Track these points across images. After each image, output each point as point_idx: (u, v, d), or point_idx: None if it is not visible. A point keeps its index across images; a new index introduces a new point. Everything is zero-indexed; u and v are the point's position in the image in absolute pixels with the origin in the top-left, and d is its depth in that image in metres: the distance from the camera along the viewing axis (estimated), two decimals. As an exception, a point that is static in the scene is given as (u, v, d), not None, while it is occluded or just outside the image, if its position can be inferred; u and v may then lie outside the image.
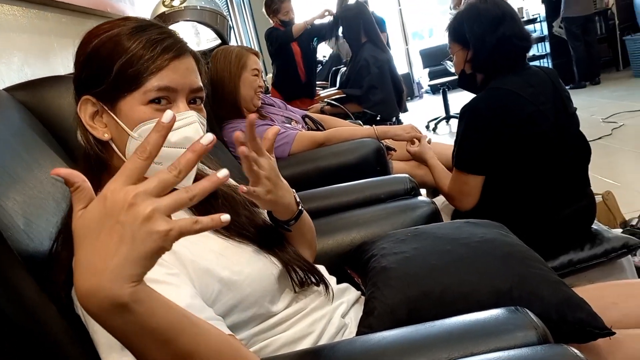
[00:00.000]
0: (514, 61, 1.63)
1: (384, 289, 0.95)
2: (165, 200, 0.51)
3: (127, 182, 0.52)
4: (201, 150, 0.52)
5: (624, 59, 6.78)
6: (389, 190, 1.48)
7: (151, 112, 0.79)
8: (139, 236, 0.50)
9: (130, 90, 0.79)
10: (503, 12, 1.61)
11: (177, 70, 0.80)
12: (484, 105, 1.60)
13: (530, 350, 0.64)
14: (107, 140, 0.82)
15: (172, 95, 0.81)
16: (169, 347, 0.57)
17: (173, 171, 0.52)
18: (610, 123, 4.46)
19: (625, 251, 1.58)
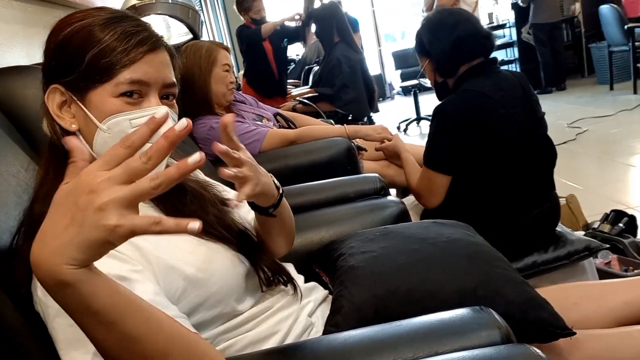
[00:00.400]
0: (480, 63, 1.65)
1: (351, 288, 0.95)
2: (125, 190, 0.49)
3: (103, 167, 0.50)
4: (174, 136, 0.50)
5: (589, 66, 6.96)
6: (359, 190, 1.49)
7: (122, 104, 0.78)
8: (88, 224, 0.49)
9: (102, 82, 0.77)
10: (457, 19, 1.67)
11: (151, 64, 0.79)
12: (454, 106, 1.62)
13: (494, 350, 0.65)
14: (75, 131, 0.80)
15: (144, 89, 0.79)
16: (115, 329, 0.56)
17: (142, 157, 0.50)
18: (574, 128, 4.57)
19: (587, 253, 1.62)
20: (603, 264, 1.92)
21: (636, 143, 3.98)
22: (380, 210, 1.35)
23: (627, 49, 5.61)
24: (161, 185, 0.49)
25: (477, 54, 1.66)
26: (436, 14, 1.74)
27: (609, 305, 1.15)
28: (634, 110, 4.89)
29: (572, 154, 3.91)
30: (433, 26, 1.71)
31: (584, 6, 6.81)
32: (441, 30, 1.67)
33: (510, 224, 1.63)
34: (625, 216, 2.13)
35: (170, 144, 0.50)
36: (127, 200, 0.49)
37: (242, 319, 0.88)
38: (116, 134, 0.78)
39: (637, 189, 3.16)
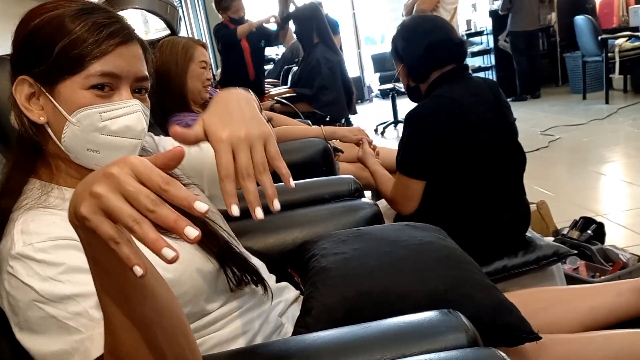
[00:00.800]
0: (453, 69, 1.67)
1: (322, 289, 0.95)
2: (119, 203, 0.48)
3: (135, 173, 0.49)
4: (180, 226, 0.47)
5: (563, 75, 7.09)
6: (333, 191, 1.49)
7: (92, 97, 0.76)
8: (79, 192, 0.51)
9: (72, 74, 0.76)
10: (431, 25, 1.70)
11: (122, 57, 0.78)
12: (426, 112, 1.64)
13: (460, 353, 0.66)
14: (43, 123, 0.79)
15: (115, 82, 0.78)
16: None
17: (152, 204, 0.48)
18: (547, 135, 4.65)
19: (556, 259, 1.65)
20: (571, 269, 1.95)
21: (607, 152, 4.07)
22: (354, 212, 1.35)
23: (600, 59, 5.73)
24: (142, 228, 0.48)
25: (449, 61, 1.68)
26: (411, 20, 1.76)
27: (575, 310, 1.18)
28: (605, 119, 5.00)
29: (545, 161, 3.98)
30: (407, 32, 1.73)
31: (559, 16, 6.94)
32: (415, 36, 1.69)
33: (482, 229, 1.65)
34: (594, 223, 2.17)
35: (172, 226, 0.48)
36: (110, 210, 0.48)
37: (210, 318, 0.87)
38: (86, 127, 0.77)
39: (606, 197, 3.23)
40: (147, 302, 0.58)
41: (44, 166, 0.82)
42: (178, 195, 0.48)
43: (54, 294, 0.67)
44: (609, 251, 2.00)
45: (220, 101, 0.74)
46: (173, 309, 0.63)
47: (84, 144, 0.78)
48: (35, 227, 0.72)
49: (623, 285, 1.21)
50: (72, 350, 0.66)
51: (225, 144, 0.66)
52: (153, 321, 0.60)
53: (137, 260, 0.48)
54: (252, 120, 0.70)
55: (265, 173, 0.66)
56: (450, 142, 1.59)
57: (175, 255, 0.47)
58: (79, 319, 0.67)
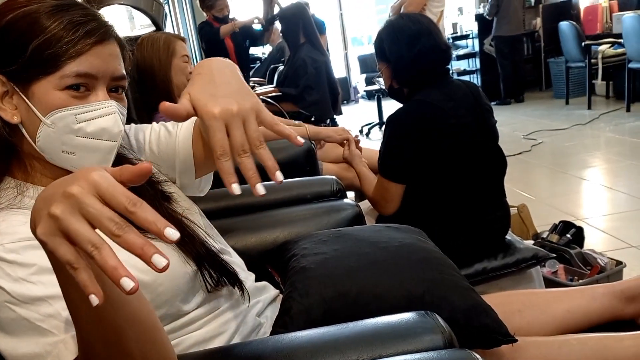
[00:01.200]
0: (435, 73, 1.68)
1: (301, 289, 0.95)
2: (72, 227, 0.46)
3: (92, 190, 0.47)
4: (147, 254, 0.45)
5: (547, 80, 7.17)
6: (316, 191, 1.50)
7: (67, 98, 0.75)
8: (38, 209, 0.49)
9: (46, 74, 0.74)
10: (419, 29, 1.68)
11: (98, 56, 0.76)
12: (406, 116, 1.66)
13: (436, 354, 0.66)
14: (17, 123, 0.77)
15: (91, 82, 0.76)
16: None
17: (117, 228, 0.46)
18: (530, 140, 4.70)
19: (535, 262, 1.67)
20: (550, 272, 1.98)
21: (588, 157, 4.13)
22: (336, 212, 1.36)
23: (583, 65, 5.81)
24: (101, 253, 0.46)
25: (436, 67, 1.69)
26: (399, 20, 1.74)
27: (551, 313, 1.19)
28: (587, 125, 5.06)
29: (527, 165, 4.02)
30: (395, 33, 1.71)
31: (544, 21, 7.01)
32: (403, 40, 1.67)
33: (461, 231, 1.67)
34: (573, 227, 2.20)
35: (139, 254, 0.46)
36: (68, 233, 0.46)
37: (187, 319, 0.86)
38: (60, 129, 0.75)
39: (586, 202, 3.27)
40: (117, 312, 0.57)
41: (18, 165, 0.80)
42: (146, 218, 0.46)
43: (25, 295, 0.66)
44: (588, 255, 2.03)
45: (204, 72, 0.72)
46: (144, 316, 0.62)
47: (59, 146, 0.76)
48: (6, 227, 0.71)
49: (598, 289, 1.23)
50: (44, 353, 0.65)
51: (218, 121, 0.65)
52: (123, 330, 0.59)
53: (93, 288, 0.46)
54: (240, 91, 0.69)
55: (262, 146, 0.65)
56: (429, 147, 1.60)
57: (135, 285, 0.45)
58: (51, 320, 0.66)
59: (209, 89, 0.68)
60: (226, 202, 1.47)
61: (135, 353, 0.61)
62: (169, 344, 0.67)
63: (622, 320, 1.19)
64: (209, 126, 0.65)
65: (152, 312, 0.65)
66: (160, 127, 1.00)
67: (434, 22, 1.79)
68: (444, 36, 1.81)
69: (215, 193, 1.48)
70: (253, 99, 0.69)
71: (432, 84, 1.67)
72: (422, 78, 1.68)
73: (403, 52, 1.67)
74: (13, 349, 0.67)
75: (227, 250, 1.03)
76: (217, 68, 0.73)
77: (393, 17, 1.78)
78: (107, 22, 0.79)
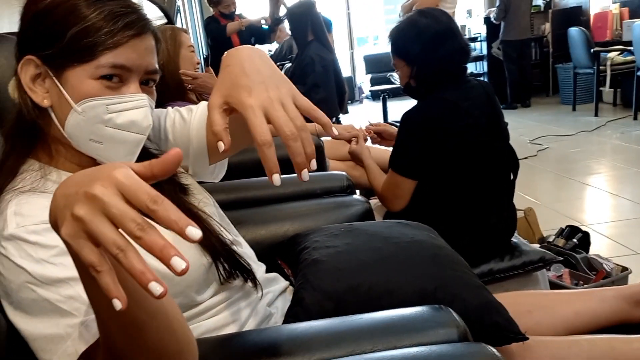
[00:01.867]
0: (456, 74, 1.68)
1: (313, 281, 0.95)
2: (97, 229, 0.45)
3: (115, 189, 0.46)
4: (165, 256, 0.45)
5: (554, 86, 7.17)
6: (326, 186, 1.50)
7: (100, 88, 0.75)
8: (60, 207, 0.48)
9: (82, 62, 0.74)
10: (444, 29, 1.65)
11: (135, 50, 0.76)
12: (423, 114, 1.65)
13: (451, 347, 0.66)
14: (47, 107, 0.77)
15: (125, 74, 0.76)
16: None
17: (138, 230, 0.45)
18: (536, 145, 4.70)
19: (542, 265, 1.67)
20: (555, 276, 1.97)
21: (593, 163, 4.12)
22: (346, 207, 1.36)
23: (591, 72, 5.80)
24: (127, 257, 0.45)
25: (458, 68, 1.68)
26: (422, 18, 1.66)
27: (560, 314, 1.19)
28: (593, 131, 5.06)
29: (533, 170, 4.02)
30: (419, 33, 1.65)
31: (553, 27, 7.01)
32: (427, 40, 1.63)
33: (469, 231, 1.67)
34: (580, 232, 2.20)
35: (158, 256, 0.45)
36: (93, 235, 0.46)
37: (199, 309, 0.87)
38: (91, 117, 0.75)
39: (591, 208, 3.27)
40: (139, 308, 0.57)
41: (43, 148, 0.81)
42: (167, 217, 0.45)
43: (46, 277, 0.66)
44: (593, 260, 2.03)
45: (233, 63, 0.71)
46: (166, 309, 0.62)
47: (87, 134, 0.76)
48: (29, 210, 0.71)
49: (607, 292, 1.23)
50: (65, 334, 0.65)
51: (256, 108, 0.63)
52: (144, 323, 0.59)
53: (116, 292, 0.45)
54: (273, 77, 0.68)
55: (304, 130, 0.63)
56: (445, 145, 1.60)
57: (163, 291, 0.45)
58: (72, 302, 0.66)
59: (241, 81, 0.67)
60: (236, 194, 1.48)
61: (157, 345, 0.61)
62: (189, 333, 0.67)
63: (630, 323, 1.19)
64: (247, 117, 0.64)
65: (173, 303, 0.65)
66: (175, 114, 1.00)
67: (454, 20, 1.76)
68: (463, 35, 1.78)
69: (226, 185, 1.48)
70: (287, 84, 0.68)
71: (450, 82, 1.66)
72: (443, 77, 1.67)
73: (428, 54, 1.64)
74: (34, 329, 0.67)
75: (239, 241, 1.04)
76: (247, 57, 0.72)
77: (414, 15, 1.71)
78: (146, 15, 0.79)
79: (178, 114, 1.00)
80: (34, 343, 0.67)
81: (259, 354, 0.68)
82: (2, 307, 0.70)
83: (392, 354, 0.65)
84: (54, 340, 0.66)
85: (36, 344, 0.67)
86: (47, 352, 0.66)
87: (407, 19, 1.71)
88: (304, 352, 0.68)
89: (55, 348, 0.65)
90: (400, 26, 1.72)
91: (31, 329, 0.67)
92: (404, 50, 1.70)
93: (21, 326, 0.68)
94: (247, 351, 0.70)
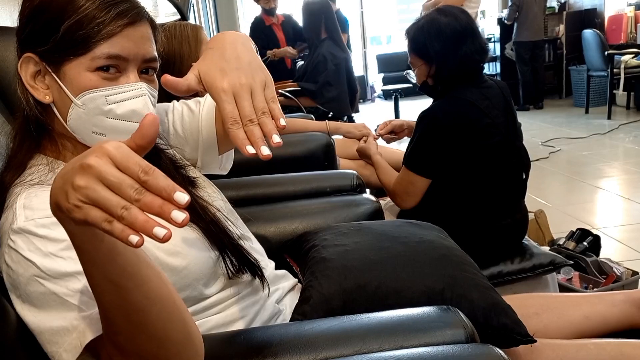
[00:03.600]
0: (474, 74, 1.67)
1: (321, 279, 0.95)
2: (100, 195, 0.47)
3: (108, 160, 0.48)
4: (165, 212, 0.46)
5: (567, 88, 7.11)
6: (336, 185, 1.50)
7: (98, 79, 0.75)
8: (59, 186, 0.50)
9: (77, 55, 0.74)
10: (464, 27, 1.63)
11: (130, 38, 0.76)
12: (442, 112, 1.64)
13: (458, 348, 0.66)
14: (49, 103, 0.77)
15: (122, 64, 0.76)
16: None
17: (136, 193, 0.47)
18: (548, 147, 4.67)
19: (552, 268, 1.66)
20: (565, 279, 1.96)
21: (605, 167, 4.09)
22: (355, 206, 1.36)
23: (605, 74, 5.75)
24: (131, 213, 0.47)
25: (477, 68, 1.67)
26: (442, 17, 1.64)
27: (569, 317, 1.18)
28: (606, 135, 5.01)
29: (544, 172, 3.99)
30: (440, 32, 1.63)
31: (567, 29, 6.95)
32: (448, 39, 1.62)
33: (482, 232, 1.66)
34: (590, 235, 2.18)
35: (158, 212, 0.47)
36: (97, 201, 0.47)
37: (208, 302, 0.87)
38: (91, 110, 0.76)
39: (602, 211, 3.24)
40: (138, 290, 0.58)
41: (50, 143, 0.81)
42: (157, 185, 0.47)
43: (54, 270, 0.67)
44: (604, 264, 2.01)
45: (216, 46, 0.74)
46: (165, 295, 0.63)
47: (90, 127, 0.77)
48: (37, 203, 0.71)
49: (617, 296, 1.22)
50: (71, 327, 0.66)
51: (226, 93, 0.67)
52: (146, 308, 0.60)
53: (130, 231, 0.47)
54: (250, 65, 0.71)
55: (265, 115, 0.67)
56: (462, 145, 1.59)
57: (167, 232, 0.46)
58: (80, 296, 0.67)
59: (219, 64, 0.70)
60: (246, 192, 1.48)
61: (159, 333, 0.62)
62: (192, 323, 0.68)
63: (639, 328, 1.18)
64: (218, 100, 0.68)
65: (174, 292, 0.66)
66: (183, 107, 1.01)
67: (472, 19, 1.74)
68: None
69: (235, 182, 1.49)
70: (262, 72, 0.70)
71: (469, 81, 1.65)
72: (462, 77, 1.65)
73: (449, 54, 1.62)
74: (41, 322, 0.67)
75: (248, 236, 1.04)
76: (230, 41, 0.74)
77: (434, 13, 1.68)
78: (139, 3, 0.79)
79: (186, 106, 1.01)
80: (40, 336, 0.68)
81: (265, 352, 0.69)
82: (11, 300, 0.70)
83: (399, 353, 0.65)
84: (60, 333, 0.66)
85: (43, 336, 0.68)
86: (54, 345, 0.66)
87: (427, 17, 1.69)
88: (310, 350, 0.68)
89: (61, 340, 0.66)
90: (419, 24, 1.69)
91: (38, 322, 0.68)
92: (423, 48, 1.67)
93: (29, 319, 0.68)
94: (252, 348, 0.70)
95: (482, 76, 1.70)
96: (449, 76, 1.67)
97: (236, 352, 0.73)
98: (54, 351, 0.66)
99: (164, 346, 0.63)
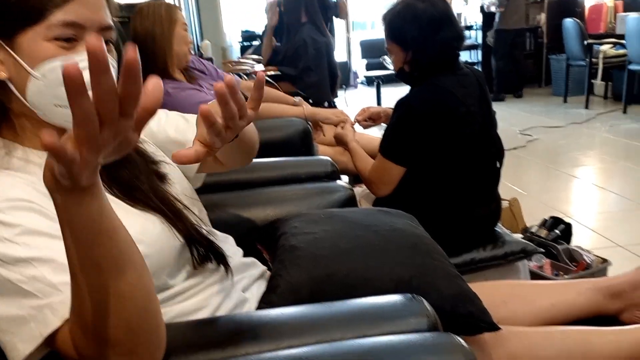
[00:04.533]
0: (451, 61, 1.67)
1: (289, 268, 0.95)
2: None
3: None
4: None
5: (547, 77, 7.16)
6: (310, 171, 1.49)
7: (56, 49, 0.72)
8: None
9: (32, 24, 0.71)
10: (441, 14, 1.63)
11: (84, 5, 0.73)
12: (419, 100, 1.63)
13: (419, 336, 0.67)
14: (4, 79, 0.74)
15: (79, 32, 0.73)
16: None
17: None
18: (526, 135, 4.71)
19: (523, 255, 1.68)
20: (536, 267, 1.99)
21: (581, 156, 4.14)
22: (329, 193, 1.35)
23: (584, 64, 5.80)
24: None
25: (453, 55, 1.67)
26: (419, 3, 1.62)
27: (536, 305, 1.20)
28: (583, 124, 5.07)
29: (521, 160, 4.03)
30: (416, 18, 1.62)
31: (548, 17, 6.98)
32: (425, 25, 1.61)
33: (454, 220, 1.67)
34: (562, 223, 2.21)
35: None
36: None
37: (171, 292, 0.85)
38: (51, 81, 0.71)
39: (576, 200, 3.29)
40: (121, 276, 0.57)
41: (7, 125, 0.78)
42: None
43: (9, 256, 0.65)
44: (575, 252, 2.05)
45: None
46: (146, 284, 0.62)
47: (51, 99, 0.72)
48: None
49: (584, 284, 1.24)
50: (28, 316, 0.64)
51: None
52: (125, 294, 0.59)
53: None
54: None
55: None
56: (439, 133, 1.60)
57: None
58: (35, 283, 0.64)
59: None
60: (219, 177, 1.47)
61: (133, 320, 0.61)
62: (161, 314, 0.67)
63: (605, 315, 1.20)
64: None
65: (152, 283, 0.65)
66: (178, 119, 1.05)
67: (449, 5, 1.74)
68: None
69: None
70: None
71: (445, 69, 1.65)
72: (439, 64, 1.65)
73: (427, 41, 1.61)
74: None
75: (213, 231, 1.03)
76: None
77: (416, 1, 1.65)
78: None
79: (182, 119, 1.05)
80: None
81: (226, 340, 0.68)
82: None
83: (360, 342, 0.65)
84: (16, 322, 0.64)
85: None
86: (9, 334, 0.65)
87: (403, 2, 1.66)
88: (272, 338, 0.68)
89: (17, 330, 0.64)
90: (396, 9, 1.67)
91: None
92: (400, 34, 1.66)
93: None
94: (214, 336, 0.70)
95: (459, 63, 1.70)
96: (426, 63, 1.66)
97: (197, 341, 0.72)
98: (7, 340, 0.65)
99: (133, 333, 0.62)
